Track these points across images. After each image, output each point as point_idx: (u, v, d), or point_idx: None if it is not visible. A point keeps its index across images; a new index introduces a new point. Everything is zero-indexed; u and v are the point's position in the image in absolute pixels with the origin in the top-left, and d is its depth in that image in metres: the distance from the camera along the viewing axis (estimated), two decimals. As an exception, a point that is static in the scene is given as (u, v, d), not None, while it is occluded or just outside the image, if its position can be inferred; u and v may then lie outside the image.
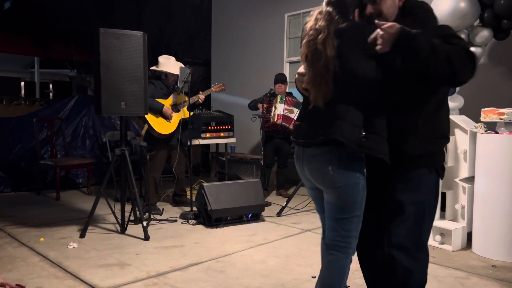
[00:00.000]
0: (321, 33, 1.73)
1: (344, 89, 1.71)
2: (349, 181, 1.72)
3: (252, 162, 6.44)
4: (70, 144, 5.99)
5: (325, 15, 1.75)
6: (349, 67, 1.69)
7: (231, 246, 3.38)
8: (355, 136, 1.67)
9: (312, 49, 1.75)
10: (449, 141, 1.86)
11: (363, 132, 1.67)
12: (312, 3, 6.52)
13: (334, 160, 1.72)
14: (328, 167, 1.73)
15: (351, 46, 1.70)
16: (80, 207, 4.76)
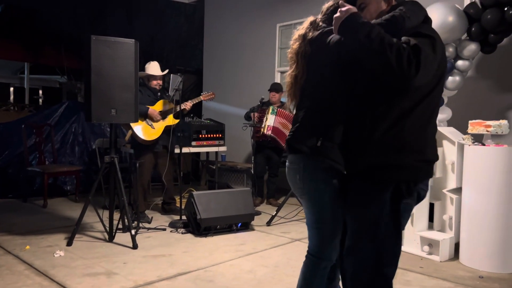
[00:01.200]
0: (297, 42, 1.81)
1: (308, 97, 1.78)
2: (313, 190, 1.76)
3: (242, 170, 6.43)
4: (59, 151, 5.93)
5: (309, 24, 1.82)
6: (312, 75, 1.76)
7: (220, 256, 3.36)
8: (312, 143, 1.71)
9: (289, 57, 1.84)
10: (424, 156, 1.66)
11: (320, 140, 1.70)
12: (304, 13, 6.59)
13: (301, 169, 1.77)
14: (296, 175, 1.79)
15: (318, 55, 1.75)
16: (67, 215, 4.70)
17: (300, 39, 1.80)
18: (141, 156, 4.39)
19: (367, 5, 1.77)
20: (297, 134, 1.78)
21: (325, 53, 1.72)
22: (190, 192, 4.06)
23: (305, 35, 1.80)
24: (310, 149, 1.71)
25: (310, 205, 1.81)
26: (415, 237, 3.50)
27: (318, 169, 1.73)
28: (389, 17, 1.63)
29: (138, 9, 9.23)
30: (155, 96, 4.56)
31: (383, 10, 1.75)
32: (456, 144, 3.46)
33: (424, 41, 1.56)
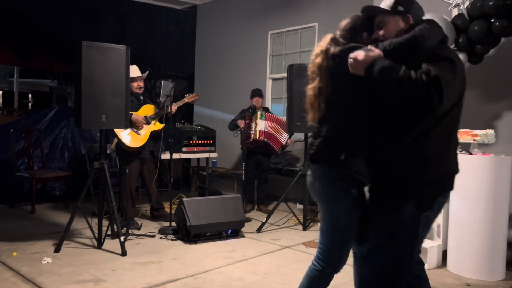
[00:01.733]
0: (319, 56, 1.84)
1: (331, 111, 1.83)
2: (331, 198, 1.82)
3: (233, 177, 6.44)
4: (48, 156, 5.87)
5: (330, 40, 1.86)
6: (336, 90, 1.80)
7: (209, 263, 3.36)
8: (336, 156, 1.76)
9: (311, 71, 1.87)
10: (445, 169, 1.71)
11: (343, 153, 1.75)
12: (295, 22, 6.68)
13: (321, 176, 1.83)
14: (316, 183, 1.85)
15: (340, 70, 1.78)
16: (56, 221, 4.65)
17: (322, 54, 1.84)
18: (127, 162, 4.37)
19: (385, 24, 1.82)
20: (321, 147, 1.82)
21: (347, 69, 1.75)
22: (180, 199, 4.05)
23: (327, 50, 1.83)
24: (333, 161, 1.77)
25: (326, 212, 1.86)
26: (404, 245, 3.53)
27: (338, 178, 1.79)
28: (411, 37, 1.66)
29: (130, 14, 9.22)
30: (138, 101, 4.54)
31: (402, 29, 1.79)
32: (444, 152, 3.50)
33: (444, 65, 1.61)
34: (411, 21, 1.81)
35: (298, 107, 4.32)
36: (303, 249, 3.81)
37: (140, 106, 4.47)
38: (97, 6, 9.20)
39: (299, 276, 3.12)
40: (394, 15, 1.82)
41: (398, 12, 1.82)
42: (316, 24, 6.07)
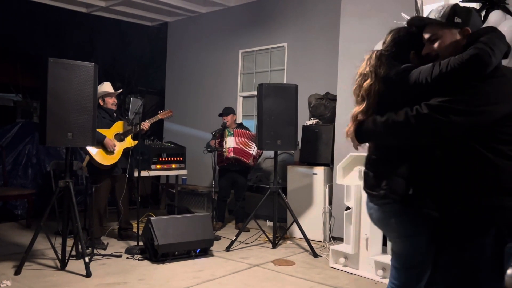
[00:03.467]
0: (368, 78, 1.72)
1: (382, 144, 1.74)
2: (409, 235, 1.72)
3: (203, 194, 6.40)
4: (10, 173, 5.67)
5: (374, 59, 1.72)
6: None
7: (177, 283, 3.31)
8: (402, 191, 1.65)
9: (357, 94, 1.77)
10: None
11: (410, 187, 1.65)
12: (265, 41, 6.79)
13: (397, 213, 1.71)
14: (391, 219, 1.74)
15: (394, 94, 1.66)
16: (16, 241, 4.47)
17: (369, 76, 1.71)
18: (98, 180, 4.29)
19: (439, 38, 1.64)
20: (390, 184, 1.68)
21: (403, 93, 1.63)
22: (148, 217, 3.99)
23: (376, 72, 1.70)
24: (402, 198, 1.66)
25: (403, 248, 1.76)
26: (370, 261, 3.60)
27: (414, 215, 1.68)
28: (473, 55, 1.49)
29: (100, 30, 9.13)
30: (111, 117, 4.49)
31: (459, 42, 1.61)
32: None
33: None
34: (469, 32, 1.61)
35: (268, 125, 4.39)
36: (272, 267, 3.82)
37: (113, 123, 4.42)
38: (65, 21, 9.06)
39: (267, 295, 3.13)
40: (450, 28, 1.62)
41: (455, 25, 1.61)
42: (286, 44, 6.21)
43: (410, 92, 1.62)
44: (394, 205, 1.69)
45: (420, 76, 1.58)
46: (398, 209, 1.70)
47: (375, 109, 1.70)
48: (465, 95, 1.52)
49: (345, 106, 4.77)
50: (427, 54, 1.67)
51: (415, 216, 1.69)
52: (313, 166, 4.96)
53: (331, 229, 4.76)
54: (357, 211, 3.73)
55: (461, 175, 1.57)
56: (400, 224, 1.72)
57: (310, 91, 5.45)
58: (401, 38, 1.75)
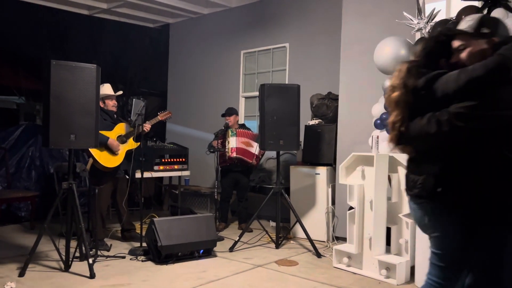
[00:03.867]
0: (397, 91, 1.78)
1: None
2: (443, 232, 1.77)
3: (206, 195, 6.41)
4: (14, 176, 5.69)
5: (404, 71, 1.78)
6: None
7: (180, 284, 3.31)
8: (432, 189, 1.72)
9: (388, 105, 1.84)
10: None
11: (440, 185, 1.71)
12: (267, 42, 6.78)
13: (430, 211, 1.78)
14: (425, 217, 1.81)
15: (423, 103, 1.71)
16: (20, 243, 4.49)
17: (399, 88, 1.77)
18: (101, 182, 4.30)
19: (467, 47, 1.72)
20: (425, 183, 1.75)
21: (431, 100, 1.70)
22: (151, 218, 3.99)
23: (405, 84, 1.75)
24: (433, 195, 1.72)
25: (438, 246, 1.81)
26: (374, 261, 3.60)
27: (448, 213, 1.73)
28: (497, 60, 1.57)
29: (102, 32, 9.16)
30: (112, 119, 4.50)
31: (487, 51, 1.69)
32: (410, 170, 3.61)
33: None
34: (496, 40, 1.69)
35: (270, 125, 4.39)
36: (275, 268, 3.82)
37: (114, 125, 4.43)
38: (67, 23, 9.09)
39: (271, 295, 3.12)
40: (478, 38, 1.71)
41: (483, 35, 1.70)
42: (287, 44, 6.21)
43: (437, 99, 1.70)
44: (428, 203, 1.77)
45: (447, 83, 1.68)
46: (431, 207, 1.77)
47: (408, 117, 1.77)
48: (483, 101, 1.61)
49: (347, 105, 4.77)
50: (455, 63, 1.75)
51: (447, 215, 1.74)
52: (316, 166, 4.96)
53: (334, 229, 4.75)
54: (360, 211, 3.73)
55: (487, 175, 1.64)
56: (434, 222, 1.79)
57: (312, 91, 5.45)
58: (431, 48, 1.82)
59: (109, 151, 4.26)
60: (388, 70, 3.85)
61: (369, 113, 4.19)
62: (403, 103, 1.76)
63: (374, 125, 4.06)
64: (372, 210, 3.63)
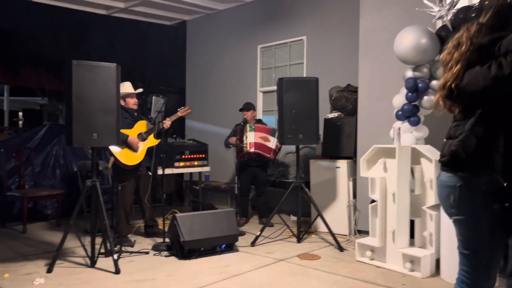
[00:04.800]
0: (462, 47, 1.70)
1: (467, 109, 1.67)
2: (470, 214, 1.65)
3: (226, 190, 6.44)
4: (39, 174, 5.83)
5: (474, 29, 1.71)
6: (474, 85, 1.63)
7: (204, 279, 3.34)
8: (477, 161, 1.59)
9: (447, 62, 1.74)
10: None
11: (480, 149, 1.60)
12: (284, 35, 6.74)
13: (457, 189, 1.65)
14: (450, 196, 1.68)
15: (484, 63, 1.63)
16: (48, 240, 4.61)
17: (464, 44, 1.69)
18: (123, 180, 4.36)
19: None
20: (459, 151, 1.64)
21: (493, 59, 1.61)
22: (173, 214, 4.04)
23: (472, 41, 1.69)
24: (476, 168, 1.60)
25: (464, 230, 1.70)
26: (397, 254, 3.55)
27: (478, 192, 1.62)
28: None
29: (119, 31, 9.27)
30: (132, 117, 4.55)
31: None
32: (434, 162, 3.55)
33: None
34: None
35: (289, 119, 4.37)
36: (298, 262, 3.81)
37: (134, 123, 4.47)
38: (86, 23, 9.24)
39: (294, 289, 3.12)
40: None
41: None
42: (305, 37, 6.16)
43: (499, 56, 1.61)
44: (459, 180, 1.64)
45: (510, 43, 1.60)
46: (461, 184, 1.64)
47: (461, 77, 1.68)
48: None
49: (367, 97, 4.71)
50: None
51: (477, 195, 1.62)
52: (336, 159, 4.92)
53: (356, 223, 4.71)
54: (383, 204, 3.68)
55: None
56: (460, 202, 1.66)
57: (330, 84, 5.39)
58: (503, 10, 1.75)
59: (129, 149, 4.32)
60: (409, 60, 3.78)
61: (390, 104, 4.12)
62: (464, 61, 1.68)
63: (396, 116, 4.00)
64: (394, 203, 3.58)
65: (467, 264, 1.74)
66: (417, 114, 3.89)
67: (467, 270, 1.74)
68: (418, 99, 3.86)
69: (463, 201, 1.66)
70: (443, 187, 1.74)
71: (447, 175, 1.72)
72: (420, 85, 3.80)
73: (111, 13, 7.24)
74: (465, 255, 1.74)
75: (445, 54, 1.78)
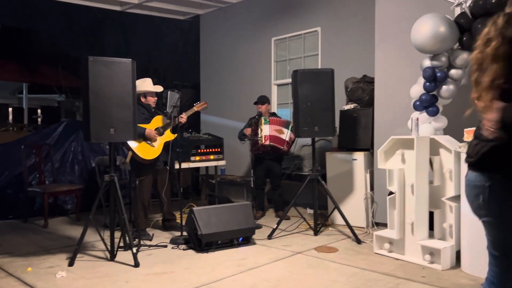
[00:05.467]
0: (492, 43, 1.59)
1: None
2: (501, 214, 1.59)
3: (242, 184, 6.45)
4: (58, 170, 5.94)
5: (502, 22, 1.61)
6: None
7: (221, 271, 3.36)
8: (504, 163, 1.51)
9: (479, 62, 1.63)
10: None
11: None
12: (298, 27, 6.68)
13: (487, 189, 1.58)
14: (480, 196, 1.60)
15: None
16: (68, 234, 4.70)
17: (497, 39, 1.57)
18: (141, 174, 4.41)
19: None
20: (493, 151, 1.56)
21: None
22: (190, 208, 4.07)
23: (503, 35, 1.57)
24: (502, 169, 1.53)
25: (494, 231, 1.63)
26: (416, 246, 3.51)
27: (509, 193, 1.55)
28: None
29: (134, 26, 9.35)
30: (149, 113, 4.58)
31: None
32: (453, 152, 3.49)
33: None
34: None
35: (304, 112, 4.34)
36: (315, 254, 3.80)
37: (151, 118, 4.51)
38: (101, 20, 9.34)
39: (312, 282, 3.13)
40: None
41: None
42: (319, 28, 6.09)
43: None
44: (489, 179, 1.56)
45: None
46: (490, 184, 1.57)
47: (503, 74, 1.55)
48: None
49: (384, 88, 4.64)
50: None
51: (508, 194, 1.56)
52: (353, 151, 4.87)
53: (373, 215, 4.67)
54: (401, 196, 3.63)
55: None
56: (490, 203, 1.59)
57: (346, 75, 5.33)
58: None
59: (147, 143, 4.35)
60: (426, 49, 3.70)
61: (407, 95, 4.06)
62: (502, 56, 1.55)
63: (413, 107, 3.93)
64: (413, 195, 3.53)
65: (496, 266, 1.68)
66: (436, 104, 3.82)
67: (496, 272, 1.68)
68: (436, 88, 3.78)
69: (492, 202, 1.59)
70: (471, 187, 1.67)
71: (474, 174, 1.65)
72: (439, 74, 3.72)
73: (125, 9, 7.28)
74: (495, 256, 1.67)
75: (475, 53, 1.66)
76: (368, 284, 3.04)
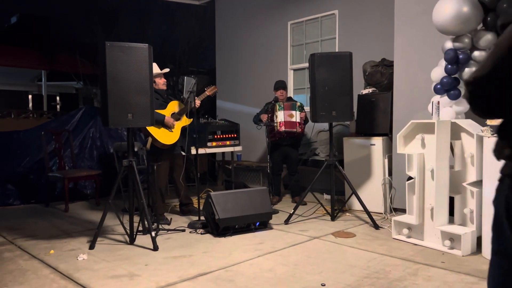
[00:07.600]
0: None
1: None
2: None
3: (258, 169, 6.46)
4: (77, 156, 6.04)
5: None
6: None
7: (239, 255, 3.38)
8: None
9: None
10: None
11: None
12: (314, 10, 6.57)
13: None
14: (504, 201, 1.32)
15: None
16: (89, 219, 4.79)
17: None
18: (159, 159, 4.45)
19: None
20: None
21: None
22: (207, 193, 4.09)
23: None
24: None
25: None
26: (436, 232, 3.46)
27: None
28: None
29: (149, 12, 9.33)
30: (163, 98, 4.59)
31: None
32: (475, 136, 3.41)
33: None
34: None
35: (322, 96, 4.28)
36: (333, 239, 3.79)
37: (166, 103, 4.53)
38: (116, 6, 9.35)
39: (330, 266, 3.13)
40: None
41: None
42: (337, 11, 5.98)
43: None
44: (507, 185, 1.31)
45: None
46: None
47: None
48: None
49: (404, 71, 4.54)
50: None
51: None
52: (370, 136, 4.81)
53: (391, 201, 4.62)
54: (421, 181, 3.58)
55: None
56: None
57: (364, 59, 5.23)
58: None
59: (166, 129, 4.39)
60: (449, 30, 3.60)
61: (428, 78, 3.96)
62: None
63: (434, 90, 3.84)
64: (433, 180, 3.47)
65: None
66: (457, 87, 3.72)
67: None
68: (458, 71, 3.69)
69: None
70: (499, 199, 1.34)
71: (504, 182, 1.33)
72: (461, 56, 3.62)
73: (141, -5, 7.27)
74: None
75: None
76: (387, 269, 3.02)
